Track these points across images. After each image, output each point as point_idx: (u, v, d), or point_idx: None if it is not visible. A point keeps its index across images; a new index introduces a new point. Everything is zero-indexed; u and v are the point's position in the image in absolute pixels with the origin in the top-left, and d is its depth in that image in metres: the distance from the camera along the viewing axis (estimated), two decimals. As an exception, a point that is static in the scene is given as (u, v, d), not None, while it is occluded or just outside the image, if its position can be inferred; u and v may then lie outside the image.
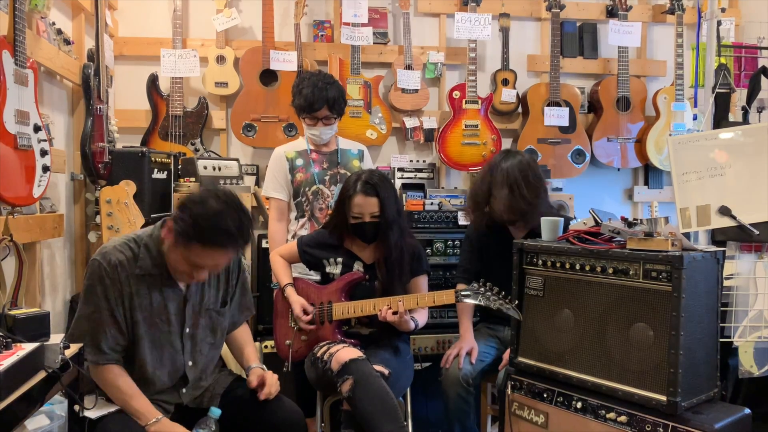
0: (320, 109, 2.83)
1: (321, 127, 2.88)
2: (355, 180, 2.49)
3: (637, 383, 1.98)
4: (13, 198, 2.08)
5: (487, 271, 2.79)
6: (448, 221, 3.35)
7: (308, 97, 2.82)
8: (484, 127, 3.72)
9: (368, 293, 2.52)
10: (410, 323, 2.44)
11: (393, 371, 2.34)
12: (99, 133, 2.81)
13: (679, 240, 1.98)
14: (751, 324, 2.82)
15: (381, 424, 2.14)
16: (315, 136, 2.91)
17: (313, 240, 2.64)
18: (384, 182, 2.50)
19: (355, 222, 2.49)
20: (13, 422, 1.44)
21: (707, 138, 2.32)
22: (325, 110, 2.84)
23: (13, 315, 1.65)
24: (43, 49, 2.57)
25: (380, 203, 2.46)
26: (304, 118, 2.91)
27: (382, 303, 2.42)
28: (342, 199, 2.52)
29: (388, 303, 2.41)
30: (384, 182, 2.50)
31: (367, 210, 2.46)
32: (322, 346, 2.41)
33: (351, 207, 2.47)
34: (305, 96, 2.83)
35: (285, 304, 2.58)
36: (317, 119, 2.86)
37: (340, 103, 2.90)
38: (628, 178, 4.14)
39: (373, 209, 2.46)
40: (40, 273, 2.64)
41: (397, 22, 3.86)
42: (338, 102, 2.88)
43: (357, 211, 2.47)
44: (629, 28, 3.80)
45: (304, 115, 2.89)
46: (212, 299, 2.12)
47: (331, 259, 2.59)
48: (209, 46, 3.62)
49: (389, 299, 2.42)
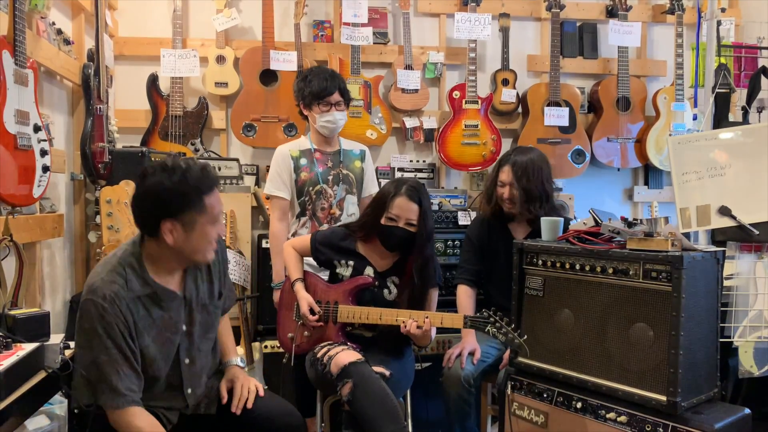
0: (333, 92, 2.85)
1: (335, 112, 2.87)
2: (401, 183, 2.47)
3: (637, 383, 1.98)
4: (13, 198, 2.08)
5: (489, 271, 2.82)
6: (448, 221, 3.35)
7: (321, 83, 2.85)
8: (484, 127, 3.72)
9: (375, 299, 2.52)
10: (431, 337, 2.43)
11: (394, 372, 2.34)
12: (99, 133, 2.81)
13: (679, 240, 1.98)
14: (751, 324, 2.82)
15: (382, 426, 2.14)
16: (329, 122, 2.87)
17: (327, 239, 2.60)
18: (426, 193, 2.50)
19: (388, 224, 2.45)
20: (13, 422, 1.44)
21: (707, 138, 2.32)
22: (337, 95, 2.86)
23: (13, 315, 1.65)
24: (43, 49, 2.57)
25: (420, 212, 2.44)
26: (316, 105, 2.87)
27: (389, 314, 2.40)
28: (382, 198, 2.48)
29: (396, 314, 2.39)
30: (426, 193, 2.50)
31: (405, 215, 2.43)
32: (323, 346, 2.41)
33: (390, 207, 2.44)
34: (318, 83, 2.85)
35: (291, 296, 2.57)
36: (330, 104, 2.86)
37: (348, 93, 2.94)
38: (628, 178, 4.14)
39: (410, 216, 2.43)
40: (40, 273, 2.64)
41: (397, 22, 3.86)
42: (346, 90, 2.93)
43: (395, 213, 2.43)
44: (629, 28, 3.80)
45: (317, 102, 2.86)
46: (206, 293, 2.04)
47: (342, 261, 2.58)
48: (209, 46, 3.62)
49: (397, 311, 2.41)
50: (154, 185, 1.78)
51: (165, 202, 1.78)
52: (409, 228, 2.45)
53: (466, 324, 2.33)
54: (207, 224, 1.84)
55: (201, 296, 2.01)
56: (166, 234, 1.80)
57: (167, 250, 1.85)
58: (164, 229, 1.80)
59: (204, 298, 2.02)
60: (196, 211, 1.81)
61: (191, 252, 1.86)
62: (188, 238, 1.82)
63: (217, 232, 1.89)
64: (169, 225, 1.79)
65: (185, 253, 1.86)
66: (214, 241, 1.90)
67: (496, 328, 2.25)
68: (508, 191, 2.71)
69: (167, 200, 1.78)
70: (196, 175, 1.80)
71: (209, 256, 1.91)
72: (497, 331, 2.24)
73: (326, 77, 2.86)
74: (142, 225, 1.86)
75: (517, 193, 2.69)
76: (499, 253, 2.78)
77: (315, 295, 2.53)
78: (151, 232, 1.83)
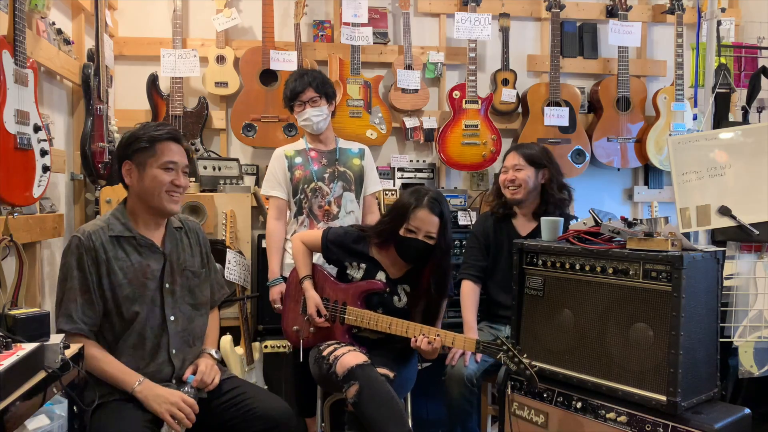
0: (303, 90, 2.85)
1: (309, 109, 2.86)
2: (423, 194, 2.42)
3: (637, 383, 1.98)
4: (13, 198, 2.08)
5: (493, 267, 2.82)
6: (448, 221, 3.34)
7: (290, 84, 2.89)
8: (484, 127, 3.72)
9: (384, 304, 2.50)
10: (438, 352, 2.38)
11: (398, 374, 2.34)
12: (99, 133, 2.81)
13: (679, 240, 1.98)
14: (751, 324, 2.82)
15: (387, 429, 2.13)
16: (306, 120, 2.89)
17: (340, 239, 2.56)
18: (446, 204, 2.47)
19: (407, 236, 2.42)
20: (13, 422, 1.44)
21: (707, 138, 2.32)
22: (309, 91, 2.85)
23: (13, 315, 1.65)
24: (43, 49, 2.57)
25: (441, 225, 2.41)
26: (292, 107, 2.92)
27: (398, 325, 2.39)
28: (403, 208, 2.43)
29: (406, 327, 2.37)
30: (446, 204, 2.47)
31: (425, 227, 2.39)
32: (329, 345, 2.40)
33: (411, 219, 2.40)
34: (288, 85, 2.90)
35: (299, 289, 2.56)
36: (303, 103, 2.87)
37: (324, 84, 2.90)
38: (628, 178, 4.14)
39: (431, 229, 2.40)
40: (40, 273, 2.64)
41: (397, 22, 3.86)
42: (320, 81, 2.89)
43: (415, 225, 2.39)
44: (629, 28, 3.80)
45: (292, 104, 2.91)
46: (189, 261, 2.20)
47: (354, 263, 2.56)
48: (209, 46, 3.62)
49: (407, 324, 2.38)
50: (122, 136, 2.12)
51: (124, 146, 2.09)
52: (428, 241, 2.41)
53: (478, 349, 2.26)
54: (157, 167, 2.06)
55: (182, 259, 2.18)
56: (126, 176, 2.08)
57: (134, 197, 2.10)
58: (124, 171, 2.08)
59: (185, 263, 2.19)
60: (148, 154, 2.06)
61: (148, 195, 2.07)
62: (141, 179, 2.06)
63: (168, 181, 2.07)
64: (127, 166, 2.08)
65: (144, 196, 2.07)
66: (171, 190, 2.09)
67: (509, 357, 2.15)
68: (511, 173, 2.77)
69: (125, 144, 2.09)
70: (155, 125, 2.12)
71: (169, 206, 2.10)
72: (509, 360, 2.15)
73: (296, 77, 2.89)
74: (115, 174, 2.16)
75: (519, 175, 2.75)
76: (503, 249, 2.79)
77: (323, 291, 2.52)
78: (121, 178, 2.10)
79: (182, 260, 2.18)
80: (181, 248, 2.19)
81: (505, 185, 2.79)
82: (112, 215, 2.10)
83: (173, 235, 2.18)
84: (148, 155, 2.06)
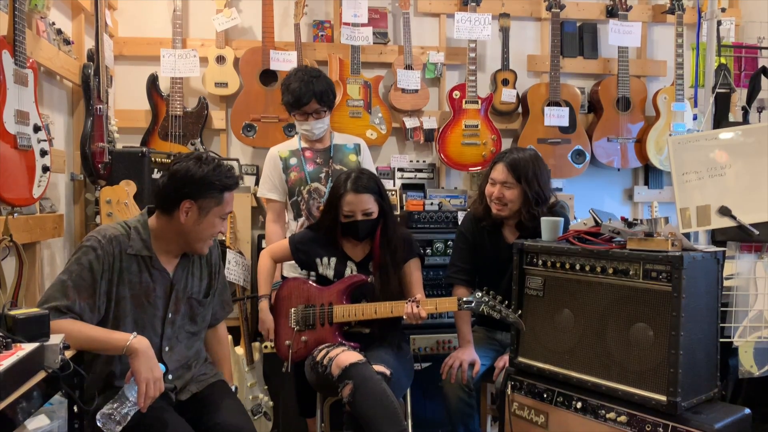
0: (308, 102, 2.82)
1: (312, 122, 2.87)
2: (345, 179, 2.50)
3: (637, 383, 1.98)
4: (13, 198, 2.08)
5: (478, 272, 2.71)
6: (448, 221, 3.34)
7: (295, 92, 2.81)
8: (484, 127, 3.72)
9: (368, 292, 2.53)
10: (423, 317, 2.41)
11: (394, 371, 2.34)
12: (99, 133, 2.81)
13: (679, 240, 1.98)
14: (751, 324, 2.82)
15: (382, 427, 2.14)
16: (307, 131, 2.90)
17: (305, 237, 2.65)
18: (372, 179, 2.54)
19: (347, 221, 2.50)
20: (13, 422, 1.44)
21: (707, 138, 2.32)
22: (314, 104, 2.83)
23: (13, 315, 1.64)
24: (43, 49, 2.57)
25: (373, 200, 2.49)
26: (294, 114, 2.90)
27: (383, 307, 2.42)
28: (332, 199, 2.53)
29: (390, 307, 2.41)
30: (372, 179, 2.54)
31: (359, 207, 2.47)
32: (322, 349, 2.41)
33: (342, 206, 2.48)
34: (292, 92, 2.82)
35: (285, 304, 2.58)
36: (307, 114, 2.85)
37: (329, 95, 2.87)
38: (628, 178, 4.14)
39: (365, 206, 2.48)
40: (40, 273, 2.64)
41: (397, 22, 3.86)
42: (326, 94, 2.85)
43: (349, 210, 2.48)
44: (629, 28, 3.80)
45: (294, 112, 2.88)
46: (195, 288, 2.17)
47: (324, 259, 2.59)
48: (209, 46, 3.62)
49: (391, 304, 2.41)
50: (188, 168, 2.00)
51: (193, 183, 1.99)
52: (368, 217, 2.49)
53: (460, 307, 2.37)
54: (217, 216, 2.05)
55: (189, 288, 2.15)
56: (183, 212, 2.00)
57: (174, 228, 2.03)
58: (183, 207, 2.00)
59: (192, 291, 2.16)
60: (215, 201, 2.03)
61: (195, 237, 2.05)
62: (198, 222, 2.02)
63: (219, 230, 2.09)
64: (188, 204, 2.00)
65: (190, 236, 2.04)
66: (216, 236, 2.11)
67: (490, 306, 2.31)
68: (498, 190, 2.53)
69: (196, 183, 1.99)
70: (226, 172, 2.05)
71: (206, 249, 2.12)
72: (491, 309, 2.30)
73: (303, 84, 2.80)
74: (164, 199, 2.03)
75: (507, 194, 2.52)
76: (486, 252, 2.67)
77: (308, 299, 2.54)
78: (169, 208, 2.02)
79: (188, 288, 2.15)
80: (189, 273, 2.16)
81: (492, 200, 2.58)
82: (134, 228, 2.04)
83: (184, 262, 2.14)
84: (215, 203, 2.03)
